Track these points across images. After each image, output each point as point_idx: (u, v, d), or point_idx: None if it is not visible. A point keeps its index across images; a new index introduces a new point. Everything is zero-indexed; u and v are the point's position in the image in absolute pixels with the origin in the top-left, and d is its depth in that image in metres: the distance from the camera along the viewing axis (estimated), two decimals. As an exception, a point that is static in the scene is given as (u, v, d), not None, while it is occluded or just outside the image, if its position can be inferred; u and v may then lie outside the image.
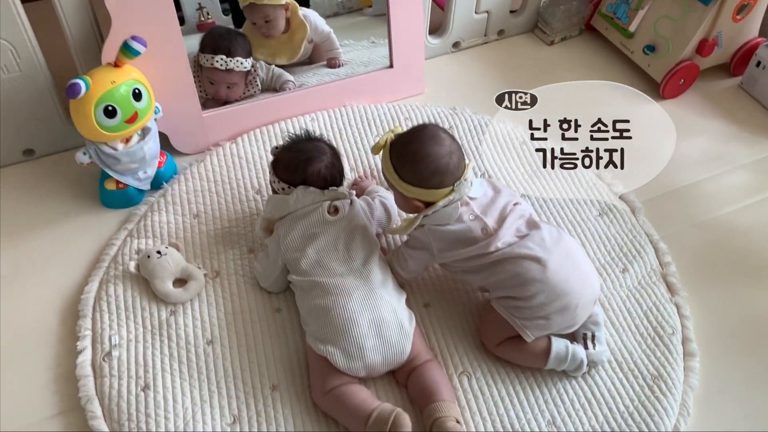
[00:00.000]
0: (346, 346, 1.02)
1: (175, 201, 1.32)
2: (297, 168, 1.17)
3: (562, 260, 1.05)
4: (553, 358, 1.06)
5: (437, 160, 1.05)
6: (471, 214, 1.07)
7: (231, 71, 1.45)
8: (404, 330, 1.05)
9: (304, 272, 1.10)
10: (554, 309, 1.04)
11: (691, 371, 1.12)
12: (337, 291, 1.06)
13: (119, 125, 1.22)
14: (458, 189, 1.06)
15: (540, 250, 1.04)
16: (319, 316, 1.06)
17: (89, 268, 1.23)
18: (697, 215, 1.37)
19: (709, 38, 1.55)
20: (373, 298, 1.06)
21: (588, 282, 1.07)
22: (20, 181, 1.39)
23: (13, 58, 1.27)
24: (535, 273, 1.03)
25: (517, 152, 1.46)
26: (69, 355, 1.11)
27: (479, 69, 1.70)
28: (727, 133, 1.55)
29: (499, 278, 1.06)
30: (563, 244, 1.07)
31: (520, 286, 1.04)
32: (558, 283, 1.03)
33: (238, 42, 1.47)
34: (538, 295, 1.03)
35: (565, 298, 1.04)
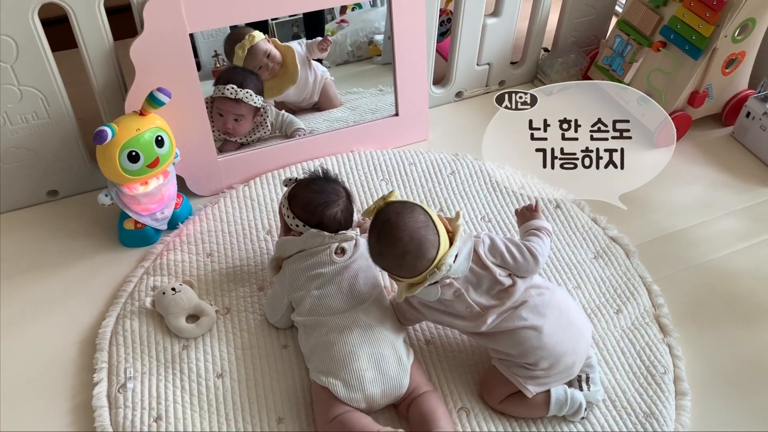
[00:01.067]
0: (347, 378, 1.07)
1: (190, 241, 1.39)
2: (315, 210, 1.20)
3: (556, 321, 1.08)
4: (553, 405, 1.10)
5: (392, 260, 1.06)
6: (455, 291, 1.07)
7: (239, 102, 1.51)
8: (402, 364, 1.10)
9: (307, 312, 1.15)
10: (555, 371, 1.08)
11: (682, 410, 1.15)
12: (339, 329, 1.11)
13: (141, 169, 1.29)
14: (431, 277, 1.04)
15: (534, 318, 1.07)
16: (322, 351, 1.11)
17: (107, 303, 1.29)
18: (690, 259, 1.42)
19: (700, 90, 1.63)
20: (372, 334, 1.11)
21: (582, 337, 1.12)
22: (44, 220, 1.46)
23: (43, 105, 1.35)
24: (533, 341, 1.07)
25: (516, 196, 1.52)
26: (85, 386, 1.16)
27: (481, 117, 1.77)
28: (719, 180, 1.61)
29: (499, 347, 1.10)
30: (555, 303, 1.10)
31: (522, 354, 1.08)
32: (555, 346, 1.07)
33: (251, 78, 1.55)
34: (541, 361, 1.07)
35: (564, 358, 1.08)
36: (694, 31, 1.55)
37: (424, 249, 1.03)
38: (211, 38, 1.61)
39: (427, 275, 1.04)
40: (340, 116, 1.69)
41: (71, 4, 1.26)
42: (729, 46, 1.57)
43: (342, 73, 1.77)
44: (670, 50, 1.63)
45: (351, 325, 1.12)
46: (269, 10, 1.44)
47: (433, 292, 1.07)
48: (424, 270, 1.04)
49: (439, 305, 1.10)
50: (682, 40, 1.58)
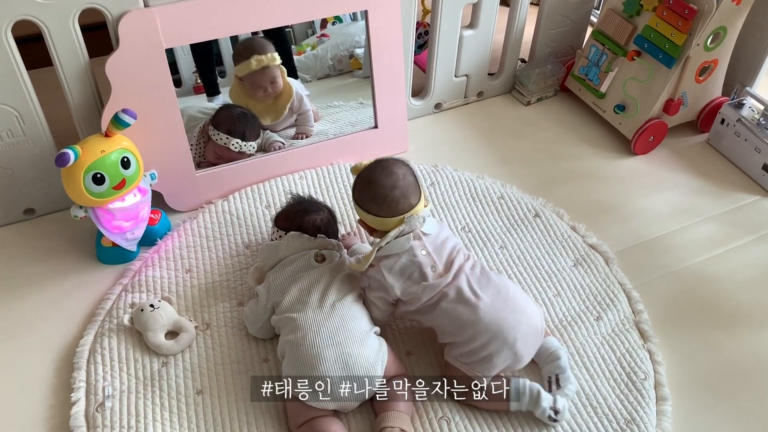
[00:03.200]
0: (312, 381, 1.06)
1: (169, 257, 1.38)
2: (294, 217, 1.27)
3: (493, 298, 1.11)
4: (513, 393, 1.11)
5: (379, 189, 1.15)
6: (423, 250, 1.14)
7: (242, 153, 1.54)
8: (370, 362, 1.09)
9: (282, 310, 1.16)
10: (494, 348, 1.09)
11: (663, 415, 1.15)
12: (306, 326, 1.11)
13: (107, 191, 1.28)
14: (408, 221, 1.14)
15: (469, 293, 1.11)
16: (289, 351, 1.11)
17: (85, 321, 1.28)
18: (668, 265, 1.43)
19: (675, 98, 1.65)
20: (341, 333, 1.10)
21: (524, 315, 1.12)
22: (21, 239, 1.45)
23: (18, 123, 1.34)
24: (468, 316, 1.09)
25: (495, 206, 1.53)
26: (63, 406, 1.15)
27: (460, 128, 1.79)
28: (696, 186, 1.63)
29: (439, 321, 1.12)
30: (493, 283, 1.13)
31: (457, 330, 1.10)
32: (491, 323, 1.09)
33: (252, 126, 1.56)
34: (476, 337, 1.09)
35: (501, 335, 1.09)
36: (667, 39, 1.58)
37: (411, 191, 1.15)
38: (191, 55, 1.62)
39: (404, 218, 1.13)
40: (320, 129, 1.69)
41: (45, 21, 1.25)
42: (701, 54, 1.59)
43: (323, 87, 1.78)
44: (645, 59, 1.65)
45: (319, 322, 1.11)
46: (246, 25, 1.44)
47: (404, 243, 1.13)
48: (403, 212, 1.13)
49: (401, 267, 1.12)
50: (656, 48, 1.61)
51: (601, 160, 1.70)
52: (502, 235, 1.46)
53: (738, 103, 1.68)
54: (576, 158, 1.70)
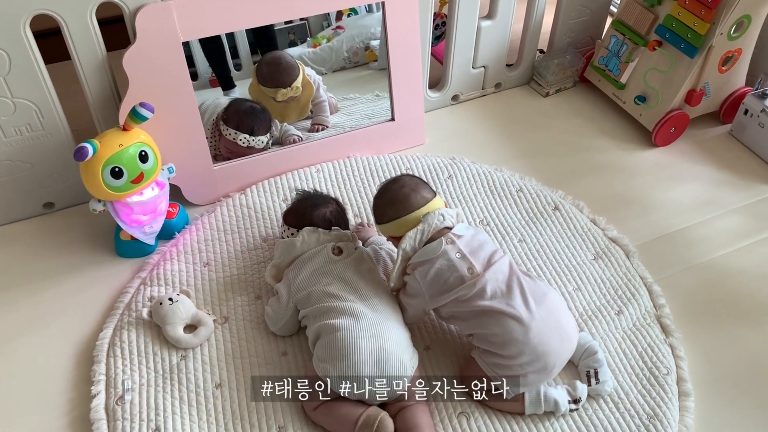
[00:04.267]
0: (344, 370, 1.05)
1: (187, 250, 1.38)
2: (304, 212, 1.26)
3: (545, 320, 1.08)
4: (528, 404, 1.10)
5: (389, 193, 1.19)
6: (458, 253, 1.12)
7: (252, 148, 1.53)
8: (403, 365, 1.07)
9: (315, 302, 1.14)
10: (533, 369, 1.07)
11: (686, 411, 1.14)
12: (348, 313, 1.10)
13: (125, 185, 1.28)
14: (425, 219, 1.14)
15: (524, 311, 1.07)
16: (326, 335, 1.09)
17: (104, 315, 1.28)
18: (690, 259, 1.41)
19: (697, 89, 1.62)
20: (379, 328, 1.09)
21: (568, 341, 1.11)
22: (40, 233, 1.45)
23: (37, 117, 1.35)
24: (518, 334, 1.06)
25: (514, 199, 1.51)
26: (83, 399, 1.15)
27: (477, 120, 1.77)
28: (718, 178, 1.60)
29: (484, 332, 1.09)
30: (547, 303, 1.10)
31: (503, 344, 1.07)
32: (538, 345, 1.06)
33: (261, 120, 1.54)
34: (519, 356, 1.06)
35: (544, 359, 1.07)
36: (690, 29, 1.55)
37: (421, 187, 1.18)
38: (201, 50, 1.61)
39: (420, 215, 1.14)
40: (336, 122, 1.68)
41: (63, 15, 1.25)
42: (725, 43, 1.56)
43: (338, 80, 1.77)
44: (666, 49, 1.62)
45: (359, 312, 1.10)
46: (263, 18, 1.43)
47: (435, 248, 1.12)
48: (418, 207, 1.15)
49: (437, 273, 1.10)
50: (678, 38, 1.58)
51: (622, 152, 1.68)
52: (521, 229, 1.44)
53: (762, 93, 1.64)
54: (596, 150, 1.68)
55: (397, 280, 1.17)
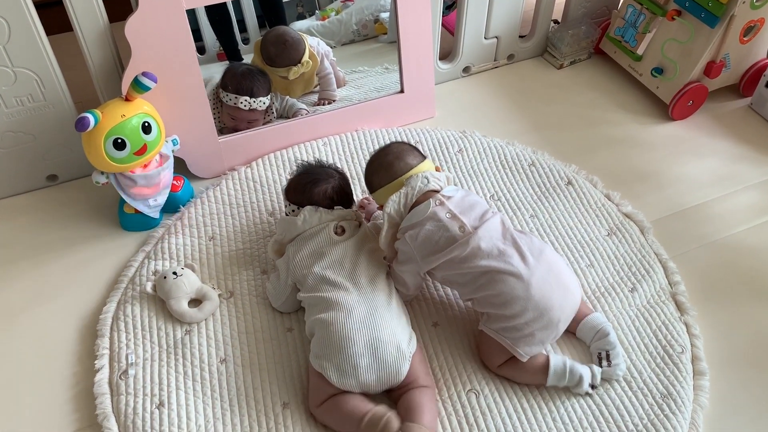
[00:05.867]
0: (340, 363, 1.03)
1: (192, 224, 1.36)
2: (304, 189, 1.21)
3: (544, 275, 1.06)
4: (551, 375, 1.08)
5: (374, 161, 1.20)
6: (448, 213, 1.10)
7: (254, 111, 1.50)
8: (401, 351, 1.05)
9: (310, 288, 1.12)
10: (539, 326, 1.05)
11: (700, 390, 1.11)
12: (339, 306, 1.08)
13: (128, 157, 1.25)
14: (408, 182, 1.13)
15: (523, 267, 1.06)
16: (319, 330, 1.07)
17: (108, 289, 1.27)
18: (707, 235, 1.38)
19: (717, 60, 1.57)
20: (373, 318, 1.07)
21: (569, 294, 1.09)
22: (44, 205, 1.44)
23: (38, 87, 1.32)
24: (519, 291, 1.04)
25: (526, 174, 1.48)
26: (87, 373, 1.14)
27: (489, 93, 1.73)
28: (737, 153, 1.56)
29: (484, 294, 1.07)
30: (545, 258, 1.08)
31: (504, 304, 1.05)
32: (540, 300, 1.05)
33: (260, 81, 1.51)
34: (523, 314, 1.04)
35: (548, 314, 1.05)
36: (711, -3, 1.49)
37: (407, 153, 1.18)
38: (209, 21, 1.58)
39: (404, 180, 1.14)
40: (345, 95, 1.65)
41: (63, -18, 1.22)
42: (747, 12, 1.51)
43: (347, 53, 1.73)
44: (685, 19, 1.57)
45: (352, 304, 1.08)
46: (268, -15, 1.40)
47: (423, 209, 1.10)
48: (402, 173, 1.14)
49: (428, 234, 1.08)
50: (698, 7, 1.52)
51: (637, 125, 1.63)
52: (533, 204, 1.41)
53: (784, 65, 1.59)
54: (610, 124, 1.63)
55: (387, 248, 1.15)
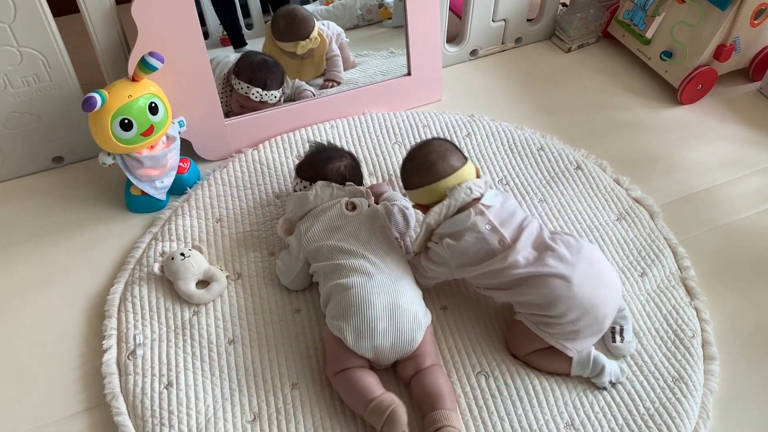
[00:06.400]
0: (358, 324, 1.03)
1: (199, 206, 1.35)
2: (318, 165, 1.22)
3: (587, 272, 1.05)
4: (575, 364, 1.07)
5: (416, 159, 1.14)
6: (488, 224, 1.07)
7: (264, 103, 1.49)
8: (418, 320, 1.05)
9: (326, 257, 1.12)
10: (585, 323, 1.04)
11: (711, 374, 1.11)
12: (359, 271, 1.07)
13: (135, 138, 1.25)
14: (451, 194, 1.09)
15: (563, 267, 1.04)
16: (338, 295, 1.07)
17: (115, 270, 1.26)
18: (716, 219, 1.37)
19: (727, 43, 1.55)
20: (392, 284, 1.06)
21: (612, 288, 1.07)
22: (50, 187, 1.43)
23: (44, 67, 1.31)
24: (562, 290, 1.02)
25: (535, 158, 1.47)
26: (95, 354, 1.14)
27: (496, 76, 1.72)
28: (746, 137, 1.55)
29: (525, 298, 1.06)
30: (584, 254, 1.06)
31: (548, 305, 1.04)
32: (585, 298, 1.03)
33: (274, 74, 1.50)
34: (568, 313, 1.03)
35: (594, 311, 1.04)
36: (722, -20, 1.48)
37: (450, 153, 1.13)
38: (213, 6, 1.57)
39: (447, 189, 1.09)
40: (350, 78, 1.64)
41: (69, -39, 1.21)
42: (759, -5, 1.50)
43: (351, 38, 1.71)
44: (696, 1, 1.55)
45: (371, 270, 1.07)
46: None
47: (464, 220, 1.07)
48: (444, 176, 1.09)
49: (466, 246, 1.06)
50: (709, -10, 1.51)
51: (646, 110, 1.62)
52: (542, 188, 1.40)
53: (795, 49, 1.58)
54: (619, 108, 1.62)
55: (418, 248, 1.14)
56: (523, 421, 1.04)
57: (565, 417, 1.05)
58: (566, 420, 1.04)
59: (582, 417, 1.05)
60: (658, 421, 1.04)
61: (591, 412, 1.05)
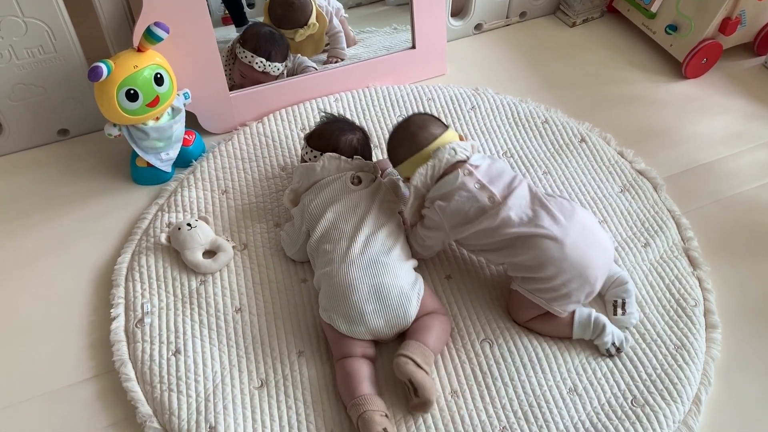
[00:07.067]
0: (347, 312, 1.04)
1: (204, 177, 1.36)
2: (331, 135, 1.22)
3: (579, 234, 1.05)
4: (577, 325, 1.08)
5: (398, 132, 1.18)
6: (477, 183, 1.09)
7: (266, 74, 1.48)
8: (405, 294, 1.05)
9: (318, 238, 1.13)
10: (576, 285, 1.05)
11: (712, 342, 1.12)
12: (340, 258, 1.08)
13: (140, 108, 1.25)
14: (435, 155, 1.11)
15: (556, 228, 1.04)
16: (324, 284, 1.08)
17: (122, 240, 1.27)
18: (719, 192, 1.37)
19: (732, 17, 1.55)
20: (375, 265, 1.07)
21: (604, 251, 1.08)
22: (56, 159, 1.43)
23: (49, 38, 1.31)
24: (553, 252, 1.03)
25: (539, 131, 1.47)
26: (103, 322, 1.15)
27: (501, 51, 1.71)
28: (750, 111, 1.54)
29: (517, 259, 1.06)
30: (577, 217, 1.07)
31: (540, 267, 1.04)
32: (577, 260, 1.04)
33: (279, 46, 1.49)
34: (559, 275, 1.04)
35: (585, 273, 1.04)
36: (728, -48, 1.47)
37: (430, 123, 1.16)
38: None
39: (431, 151, 1.11)
40: (354, 53, 1.63)
41: (73, -70, 1.20)
42: (765, -33, 1.49)
43: (353, 16, 1.70)
44: (702, -26, 1.55)
45: (354, 257, 1.08)
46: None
47: (452, 179, 1.09)
48: (426, 144, 1.12)
49: (457, 206, 1.08)
50: (715, -38, 1.50)
51: (650, 84, 1.62)
52: (546, 161, 1.40)
53: (801, 23, 1.57)
54: (624, 82, 1.62)
55: (412, 217, 1.15)
56: (526, 386, 1.05)
57: (569, 383, 1.06)
58: (569, 386, 1.05)
59: (585, 383, 1.06)
60: (659, 387, 1.05)
61: (594, 378, 1.06)
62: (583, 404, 1.04)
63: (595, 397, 1.05)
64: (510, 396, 1.04)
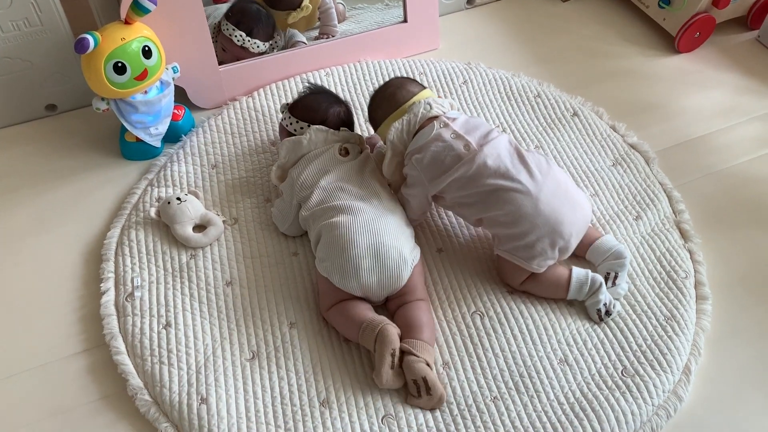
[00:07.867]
0: (343, 264, 1.04)
1: (194, 152, 1.35)
2: (319, 108, 1.22)
3: (553, 191, 1.07)
4: (574, 283, 1.09)
5: (377, 95, 1.22)
6: (452, 134, 1.10)
7: (245, 50, 1.46)
8: (403, 257, 1.06)
9: (315, 204, 1.12)
10: (550, 241, 1.06)
11: (703, 314, 1.12)
12: (345, 210, 1.09)
13: (129, 82, 1.23)
14: (411, 109, 1.14)
15: (531, 184, 1.06)
16: (325, 235, 1.08)
17: (111, 215, 1.26)
18: (711, 165, 1.37)
19: (726, -10, 1.54)
20: (377, 223, 1.07)
21: (579, 209, 1.09)
22: (44, 135, 1.42)
23: (35, 11, 1.29)
24: (527, 208, 1.05)
25: (531, 105, 1.46)
26: (93, 296, 1.15)
27: (493, 25, 1.70)
28: (742, 85, 1.54)
29: (492, 213, 1.07)
30: (553, 175, 1.09)
31: (514, 222, 1.06)
32: (550, 215, 1.05)
33: (262, 24, 1.48)
34: (533, 230, 1.05)
35: (559, 228, 1.05)
36: (722, -77, 1.46)
37: (406, 84, 1.20)
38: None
39: (406, 107, 1.14)
40: (345, 29, 1.61)
41: None
42: (759, -61, 1.48)
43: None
44: (695, -53, 1.53)
45: (357, 209, 1.08)
46: None
47: (428, 131, 1.11)
48: (404, 101, 1.16)
49: (433, 156, 1.09)
50: (709, -66, 1.49)
51: (643, 58, 1.61)
52: (539, 135, 1.40)
53: (794, -4, 1.56)
54: (616, 56, 1.61)
55: (391, 174, 1.16)
56: (517, 357, 1.05)
57: (559, 353, 1.06)
58: (560, 356, 1.06)
59: (575, 353, 1.06)
60: (650, 357, 1.06)
61: (584, 349, 1.07)
62: (573, 374, 1.04)
63: (585, 367, 1.05)
64: (501, 367, 1.05)
